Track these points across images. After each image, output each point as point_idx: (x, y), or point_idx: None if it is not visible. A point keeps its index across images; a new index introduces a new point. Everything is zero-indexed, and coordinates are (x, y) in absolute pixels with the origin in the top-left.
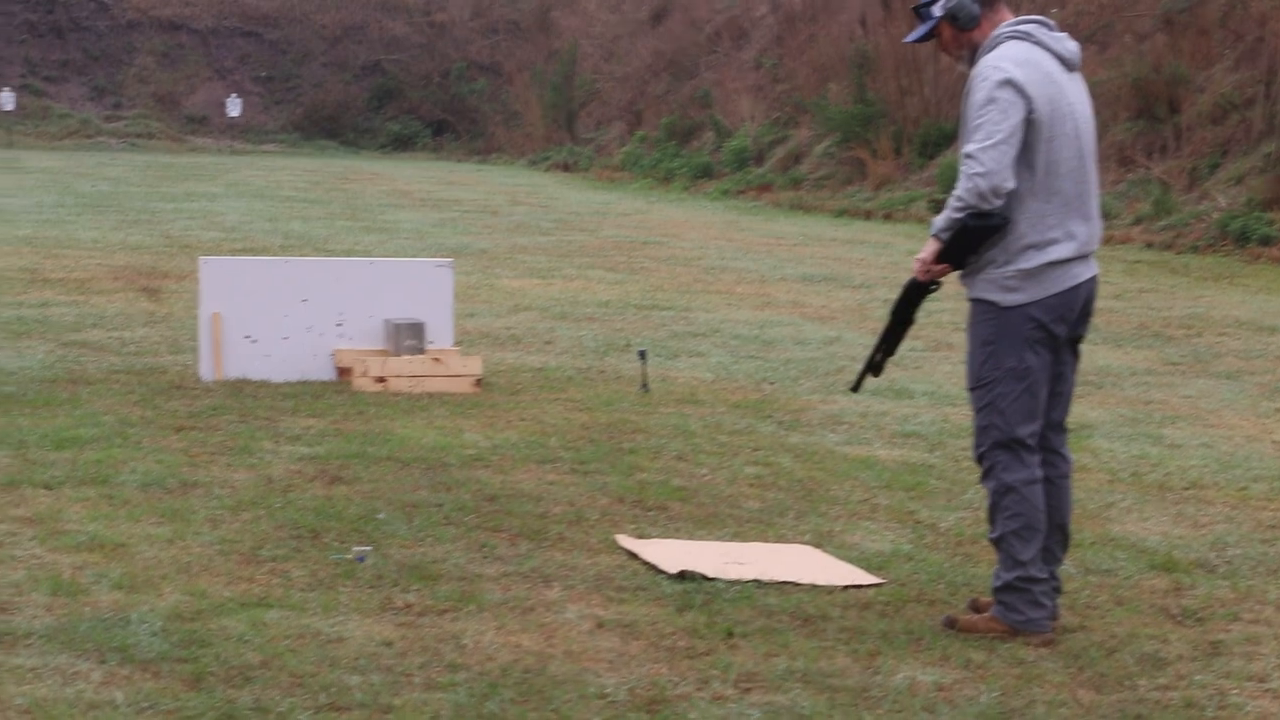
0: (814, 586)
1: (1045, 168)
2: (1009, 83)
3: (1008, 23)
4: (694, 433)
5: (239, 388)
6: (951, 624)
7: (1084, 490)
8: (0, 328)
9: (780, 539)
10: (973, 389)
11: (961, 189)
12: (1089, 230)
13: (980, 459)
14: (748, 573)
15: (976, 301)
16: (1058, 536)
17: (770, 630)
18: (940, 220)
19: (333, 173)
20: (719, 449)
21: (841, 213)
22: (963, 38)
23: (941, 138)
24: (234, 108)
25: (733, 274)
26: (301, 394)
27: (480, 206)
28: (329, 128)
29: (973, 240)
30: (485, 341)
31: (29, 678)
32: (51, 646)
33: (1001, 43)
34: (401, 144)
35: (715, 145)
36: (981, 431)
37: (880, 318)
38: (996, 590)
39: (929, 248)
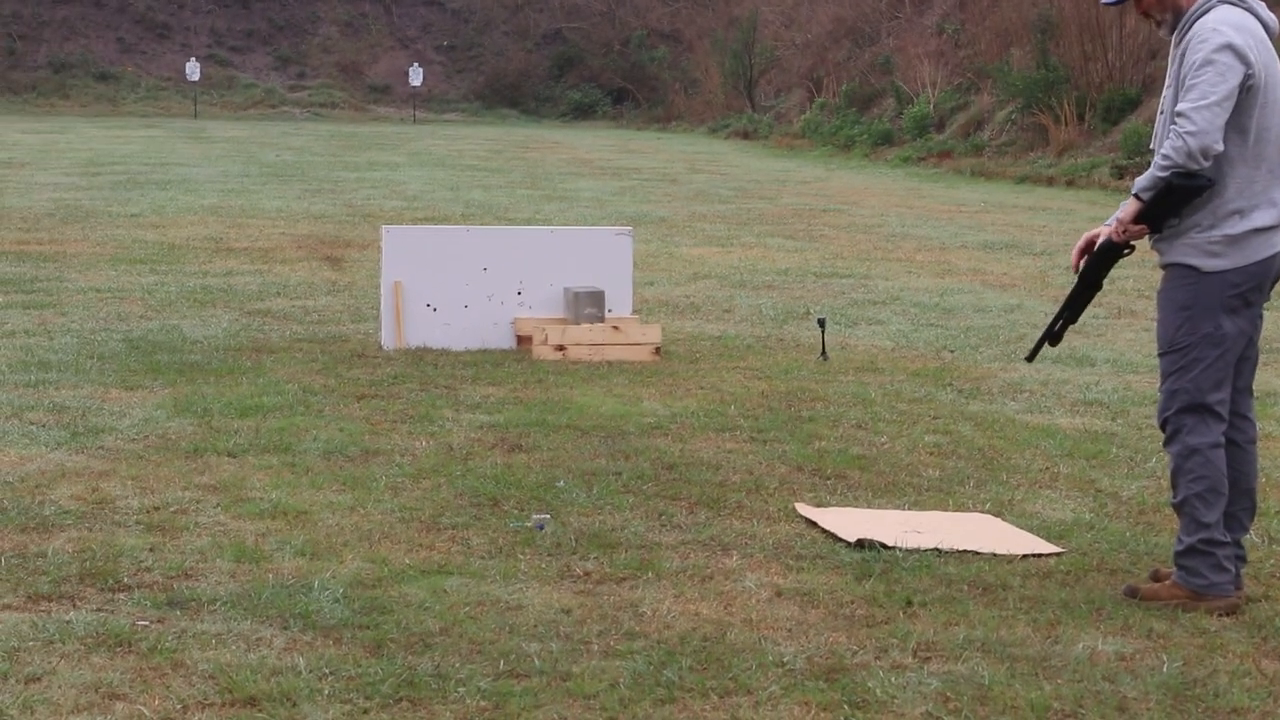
0: (994, 555)
1: (1257, 133)
2: (1229, 47)
3: None
4: (873, 401)
5: (420, 356)
6: (1133, 593)
7: (1269, 459)
8: (186, 296)
9: (960, 508)
10: (1164, 354)
11: (1170, 147)
12: None
13: (1164, 424)
14: (926, 541)
15: (1174, 266)
16: (1244, 503)
17: (950, 599)
18: (1143, 179)
19: (513, 141)
20: (898, 417)
21: (1023, 179)
22: (1167, 1)
23: (1125, 103)
24: (416, 77)
25: (913, 241)
26: (481, 362)
27: (659, 174)
28: (510, 96)
29: (1176, 200)
30: (664, 310)
31: (213, 643)
32: (235, 613)
33: (1214, 7)
34: (582, 112)
35: (896, 112)
36: (1170, 396)
37: (1062, 285)
38: (1178, 555)
39: (1128, 207)
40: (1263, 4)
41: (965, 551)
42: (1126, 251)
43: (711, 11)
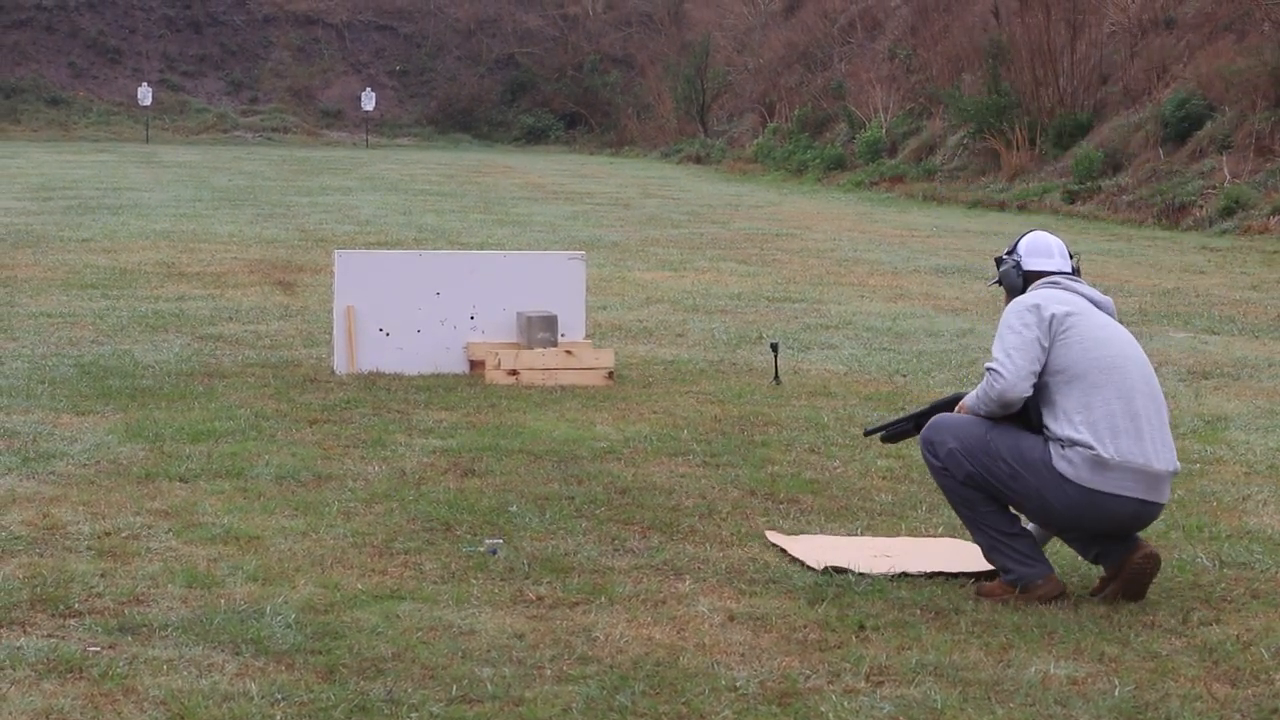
0: (946, 578)
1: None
2: (1034, 307)
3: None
4: (826, 425)
5: (372, 381)
6: (978, 591)
7: (1220, 483)
8: (137, 321)
9: (912, 532)
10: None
11: (978, 394)
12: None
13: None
14: (897, 566)
15: None
16: None
17: (902, 623)
18: (971, 401)
19: (466, 166)
20: (851, 441)
21: (975, 204)
22: (1010, 301)
23: (1077, 128)
24: (368, 101)
25: (865, 266)
26: (434, 387)
27: (612, 199)
28: (463, 121)
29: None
30: (617, 334)
31: (165, 669)
32: (187, 638)
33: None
34: (534, 137)
35: (848, 137)
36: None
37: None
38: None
39: (966, 406)
40: (1089, 288)
41: (935, 574)
42: None
43: (664, 36)
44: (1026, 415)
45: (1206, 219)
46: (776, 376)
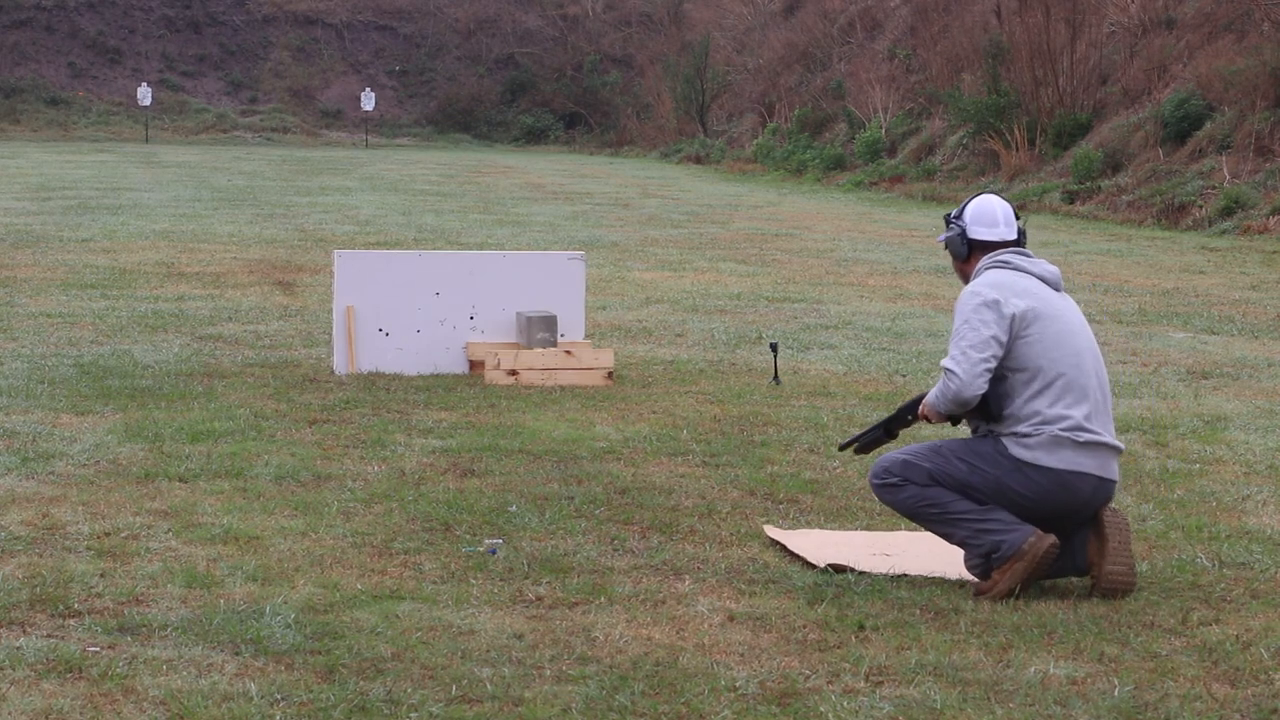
0: (960, 577)
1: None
2: (993, 303)
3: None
4: (825, 425)
5: (372, 381)
6: (977, 592)
7: (1219, 483)
8: (137, 321)
9: (912, 531)
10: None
11: (936, 393)
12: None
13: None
14: (897, 566)
15: None
16: None
17: (902, 623)
18: (932, 399)
19: (466, 166)
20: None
21: None
22: (956, 266)
23: (1076, 128)
24: (368, 101)
25: (865, 266)
26: (434, 387)
27: (612, 199)
28: (462, 121)
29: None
30: (617, 334)
31: (164, 669)
32: (187, 638)
33: (983, 271)
34: (534, 137)
35: (848, 137)
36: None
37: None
38: (968, 552)
39: (929, 409)
40: (1036, 261)
41: (933, 576)
42: (910, 419)
43: (664, 36)
44: (985, 406)
45: (1206, 219)
46: (776, 376)
